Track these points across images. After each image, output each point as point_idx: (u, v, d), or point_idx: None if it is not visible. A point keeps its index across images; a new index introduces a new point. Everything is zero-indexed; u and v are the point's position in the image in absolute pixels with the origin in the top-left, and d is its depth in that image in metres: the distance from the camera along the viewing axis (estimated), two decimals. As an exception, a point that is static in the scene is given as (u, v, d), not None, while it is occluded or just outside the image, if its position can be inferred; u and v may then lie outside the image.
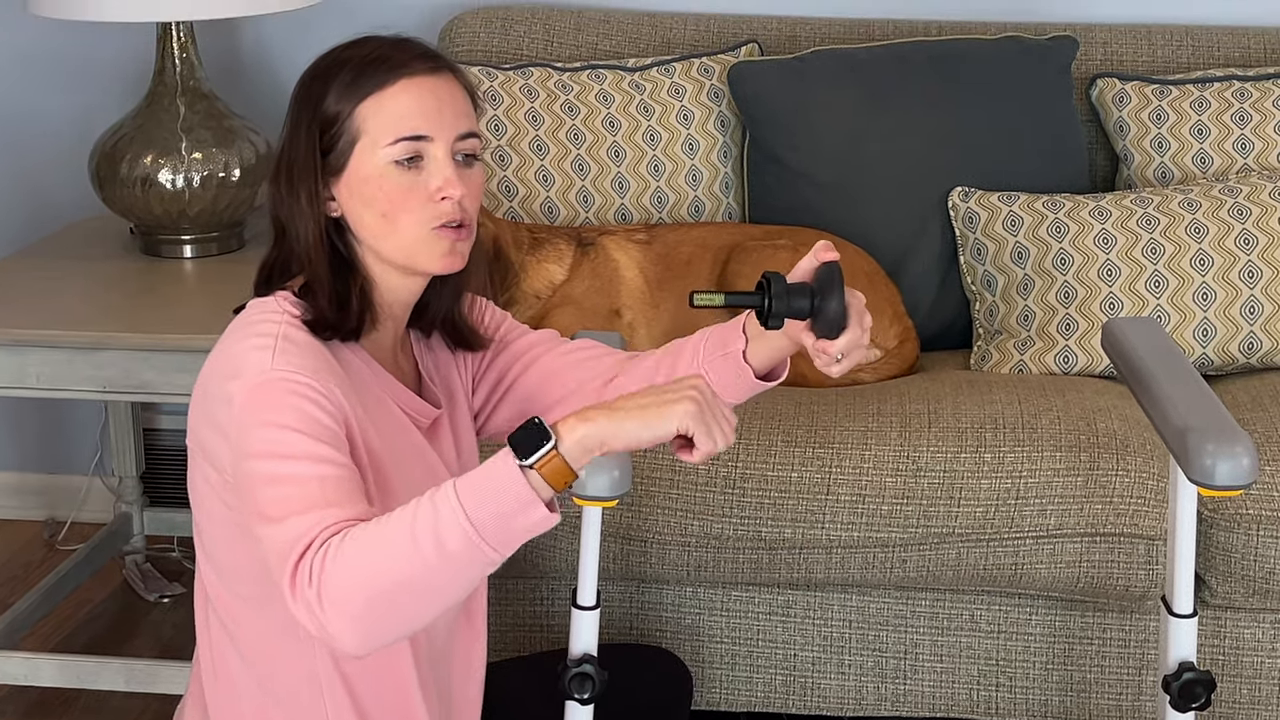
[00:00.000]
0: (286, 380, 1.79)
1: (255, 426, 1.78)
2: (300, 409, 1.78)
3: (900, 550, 2.50)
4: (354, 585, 1.66)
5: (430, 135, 1.87)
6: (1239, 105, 3.01)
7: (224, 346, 1.89)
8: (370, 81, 1.87)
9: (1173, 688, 2.10)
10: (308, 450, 1.76)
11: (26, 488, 3.72)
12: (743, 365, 1.92)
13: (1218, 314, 2.82)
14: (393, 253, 1.91)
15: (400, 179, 1.87)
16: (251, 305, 1.93)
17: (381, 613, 1.68)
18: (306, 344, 1.85)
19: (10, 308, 2.86)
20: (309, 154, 1.89)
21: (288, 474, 1.75)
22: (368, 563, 1.66)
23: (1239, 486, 1.96)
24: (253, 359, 1.82)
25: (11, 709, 2.99)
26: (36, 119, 3.54)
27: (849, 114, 3.04)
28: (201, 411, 1.88)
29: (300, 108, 1.91)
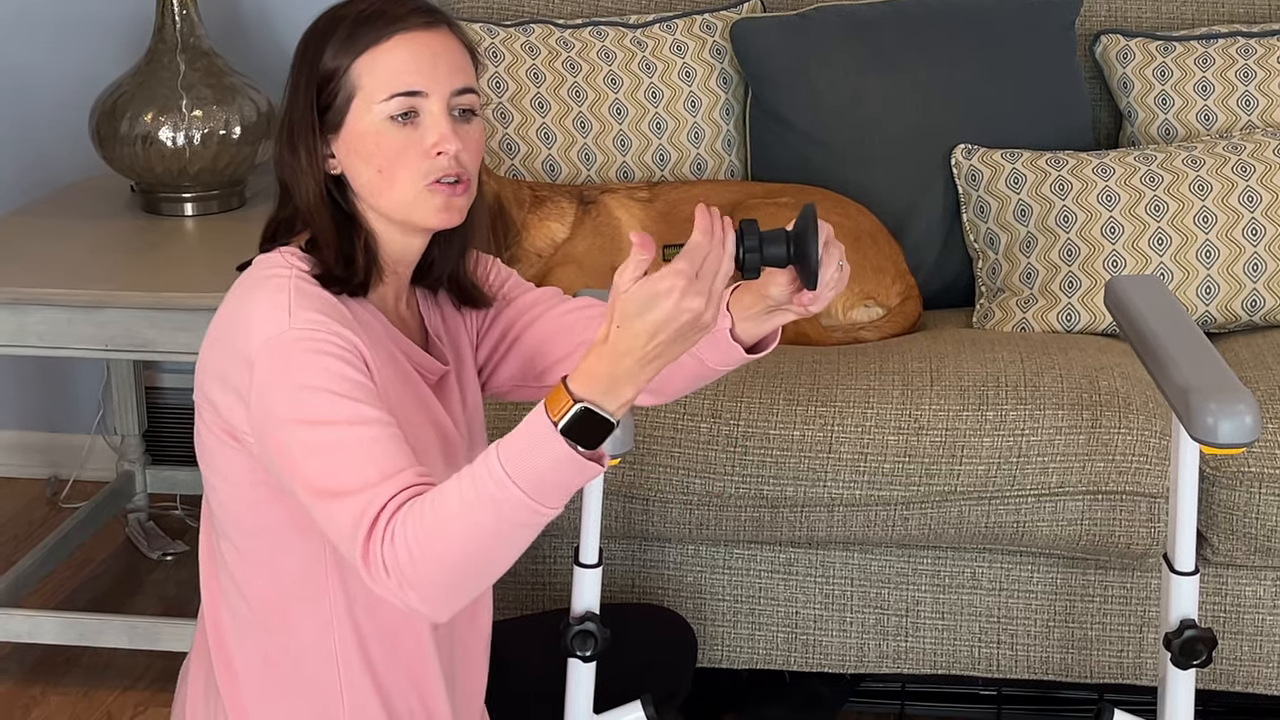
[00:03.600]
0: (308, 337, 1.79)
1: (283, 391, 1.78)
2: (327, 367, 1.78)
3: (902, 508, 2.51)
4: (432, 572, 1.70)
5: (425, 91, 1.87)
6: (1243, 62, 3.00)
7: (233, 303, 1.89)
8: (365, 37, 1.87)
9: (1174, 645, 2.11)
10: (344, 413, 1.76)
11: (29, 446, 3.73)
12: (731, 344, 1.92)
13: (1221, 271, 2.82)
14: (391, 208, 1.91)
15: (396, 135, 1.87)
16: (258, 261, 1.93)
17: (459, 585, 1.74)
18: (318, 296, 1.86)
19: (11, 266, 2.86)
20: (307, 111, 1.89)
21: (330, 441, 1.75)
22: (439, 549, 1.69)
23: (1241, 444, 1.96)
24: (268, 317, 1.82)
25: (15, 666, 3.00)
26: (36, 76, 3.53)
27: (852, 71, 3.03)
28: (212, 368, 1.88)
29: (299, 66, 1.91)
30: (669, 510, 2.54)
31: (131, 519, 3.49)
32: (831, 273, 1.81)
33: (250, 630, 1.96)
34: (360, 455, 1.75)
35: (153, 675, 2.96)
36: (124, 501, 3.49)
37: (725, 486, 2.52)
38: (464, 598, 1.76)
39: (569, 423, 1.68)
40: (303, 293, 1.85)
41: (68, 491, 3.64)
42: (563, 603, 2.62)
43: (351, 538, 1.73)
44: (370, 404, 1.78)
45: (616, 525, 2.55)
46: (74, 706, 2.89)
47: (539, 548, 2.65)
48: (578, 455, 1.68)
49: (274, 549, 1.89)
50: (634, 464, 2.52)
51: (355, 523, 1.72)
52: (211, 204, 3.15)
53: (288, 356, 1.79)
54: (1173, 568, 2.12)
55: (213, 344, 1.89)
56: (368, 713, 1.96)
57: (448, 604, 1.74)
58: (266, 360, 1.79)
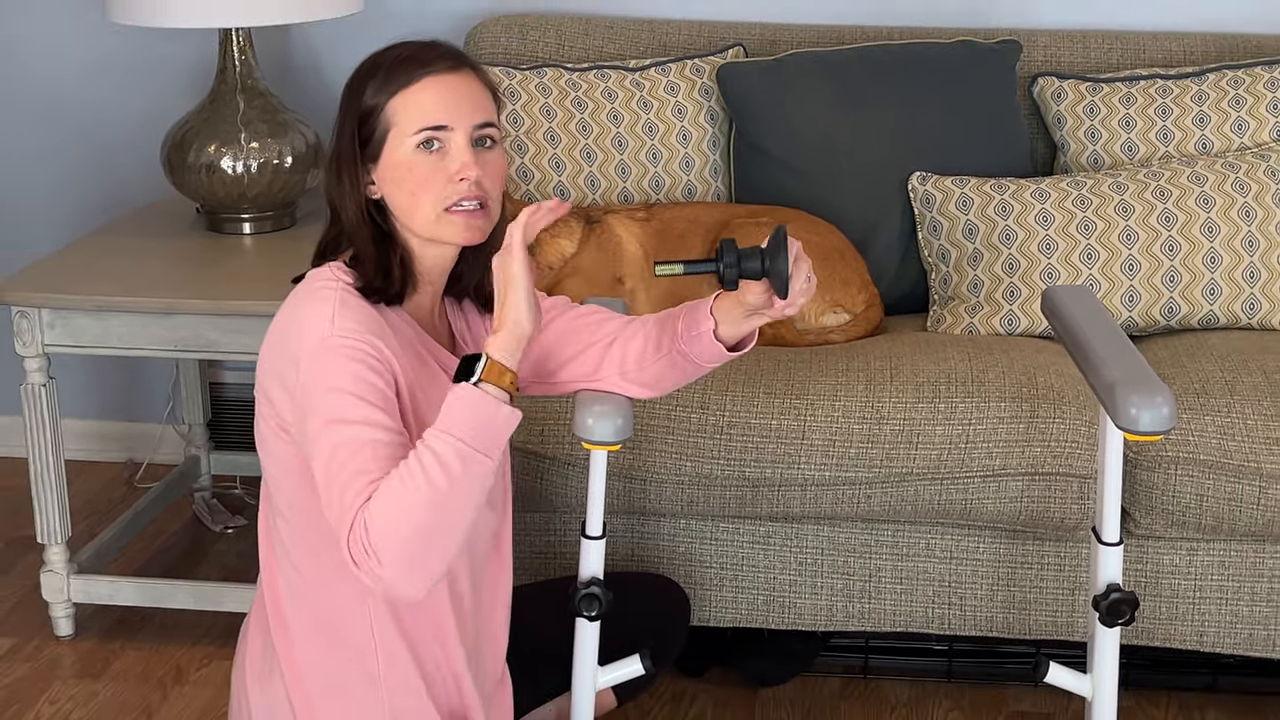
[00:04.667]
0: (344, 344, 1.81)
1: (318, 390, 1.80)
2: (356, 373, 1.79)
3: (865, 488, 2.51)
4: (396, 539, 1.70)
5: (450, 125, 1.88)
6: (1161, 100, 3.00)
7: (288, 310, 1.91)
8: (400, 79, 1.89)
9: (1101, 606, 2.11)
10: (360, 414, 1.78)
11: (109, 434, 3.73)
12: (715, 343, 1.93)
13: (1142, 282, 2.82)
14: (420, 228, 1.92)
15: (425, 163, 1.88)
16: (310, 275, 1.95)
17: (424, 550, 1.72)
18: (359, 307, 1.87)
19: (94, 278, 2.86)
20: (350, 144, 1.91)
21: (344, 439, 1.77)
22: (397, 511, 1.70)
23: (1159, 432, 1.96)
24: (314, 323, 1.84)
25: (97, 625, 3.00)
26: (114, 114, 3.53)
27: (823, 109, 3.02)
28: (269, 369, 1.89)
29: (345, 105, 1.93)
30: (664, 489, 2.54)
31: (197, 497, 3.49)
32: (801, 283, 1.82)
33: (301, 596, 1.96)
34: (367, 455, 1.76)
35: (216, 633, 2.96)
36: (191, 482, 3.49)
37: (712, 469, 2.52)
38: (430, 569, 1.74)
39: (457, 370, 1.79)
40: (346, 304, 1.86)
41: (142, 473, 3.63)
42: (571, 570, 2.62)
43: (339, 532, 1.75)
44: (385, 412, 1.79)
45: (618, 502, 2.55)
46: (147, 660, 2.89)
47: (550, 522, 2.65)
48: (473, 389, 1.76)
49: (319, 527, 1.89)
50: (633, 449, 2.52)
51: (341, 519, 1.75)
52: (266, 224, 3.14)
53: (326, 359, 1.80)
54: (1100, 539, 2.12)
55: (270, 347, 1.90)
56: (400, 667, 1.96)
57: (415, 577, 1.73)
58: (309, 361, 1.81)
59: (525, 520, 2.64)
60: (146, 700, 2.76)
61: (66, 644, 2.94)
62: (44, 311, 2.76)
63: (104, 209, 3.54)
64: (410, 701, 1.96)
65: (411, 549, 1.71)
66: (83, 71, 3.52)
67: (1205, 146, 2.96)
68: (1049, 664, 2.15)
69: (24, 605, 3.06)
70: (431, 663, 1.98)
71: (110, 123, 3.54)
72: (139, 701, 2.75)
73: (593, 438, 1.95)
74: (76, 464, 3.63)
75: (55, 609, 2.94)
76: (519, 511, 2.62)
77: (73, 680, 2.82)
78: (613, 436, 1.95)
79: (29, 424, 2.82)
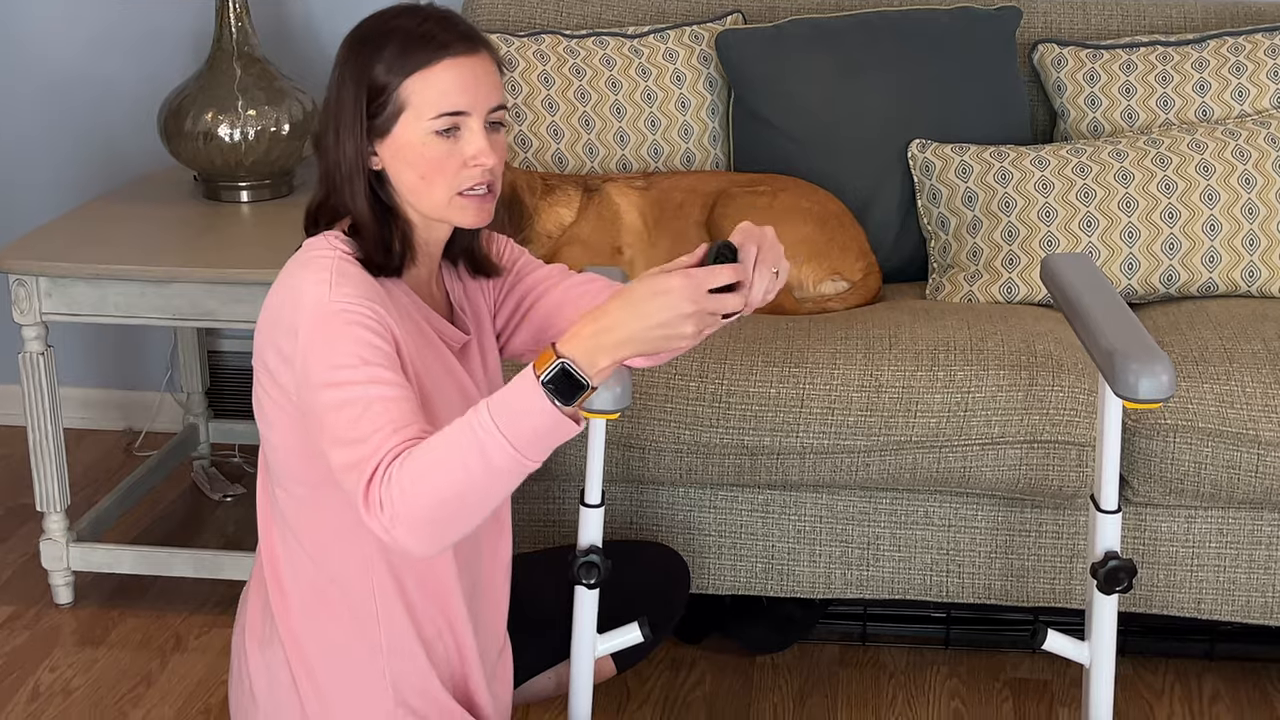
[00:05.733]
0: (344, 310, 1.79)
1: (319, 354, 1.78)
2: (357, 336, 1.77)
3: (864, 456, 2.51)
4: (418, 506, 1.68)
5: (468, 110, 1.85)
6: (1161, 67, 2.99)
7: (284, 280, 1.88)
8: (417, 58, 1.83)
9: (1099, 573, 2.11)
10: (366, 375, 1.75)
11: (108, 402, 3.73)
12: None
13: (1141, 250, 2.81)
14: (429, 209, 1.89)
15: (440, 147, 1.85)
16: (306, 244, 1.92)
17: (442, 523, 1.70)
18: (357, 275, 1.85)
19: (92, 246, 2.85)
20: (356, 114, 1.86)
21: (351, 398, 1.74)
22: (427, 486, 1.68)
23: (1158, 400, 1.96)
24: (312, 292, 1.81)
25: (96, 593, 3.00)
26: (112, 82, 3.52)
27: (822, 76, 3.01)
28: (267, 338, 1.87)
29: (348, 69, 1.87)
30: (662, 457, 2.54)
31: (196, 465, 3.49)
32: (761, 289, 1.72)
33: (300, 564, 1.97)
34: (375, 410, 1.73)
35: (215, 600, 2.96)
36: (189, 450, 3.49)
37: (711, 437, 2.52)
38: (446, 536, 1.72)
39: (550, 377, 1.66)
40: (344, 272, 1.84)
41: (141, 442, 3.63)
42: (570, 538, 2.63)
43: (356, 479, 1.72)
44: (390, 369, 1.77)
45: (617, 470, 2.55)
46: (147, 627, 2.89)
47: (549, 490, 2.65)
48: (554, 409, 1.66)
49: (319, 496, 1.89)
50: (632, 418, 2.52)
51: (360, 466, 1.72)
52: (264, 192, 3.14)
53: (326, 325, 1.78)
54: (1098, 507, 2.12)
55: (267, 318, 1.89)
56: (401, 633, 1.96)
57: (430, 540, 1.71)
58: (309, 328, 1.79)
59: (525, 489, 2.65)
60: (146, 667, 2.76)
61: (66, 612, 2.94)
62: (41, 280, 2.76)
63: (101, 177, 3.53)
64: (411, 666, 1.97)
65: (432, 517, 1.70)
66: (80, 40, 3.51)
67: (1205, 113, 2.95)
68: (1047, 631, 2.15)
69: (23, 573, 3.07)
70: (433, 629, 1.98)
71: (107, 91, 3.53)
72: (139, 669, 2.76)
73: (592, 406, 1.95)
74: (75, 432, 3.64)
75: (54, 577, 2.94)
76: (518, 480, 2.62)
77: (72, 648, 2.83)
78: (611, 405, 1.94)
79: (27, 392, 2.82)
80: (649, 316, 1.66)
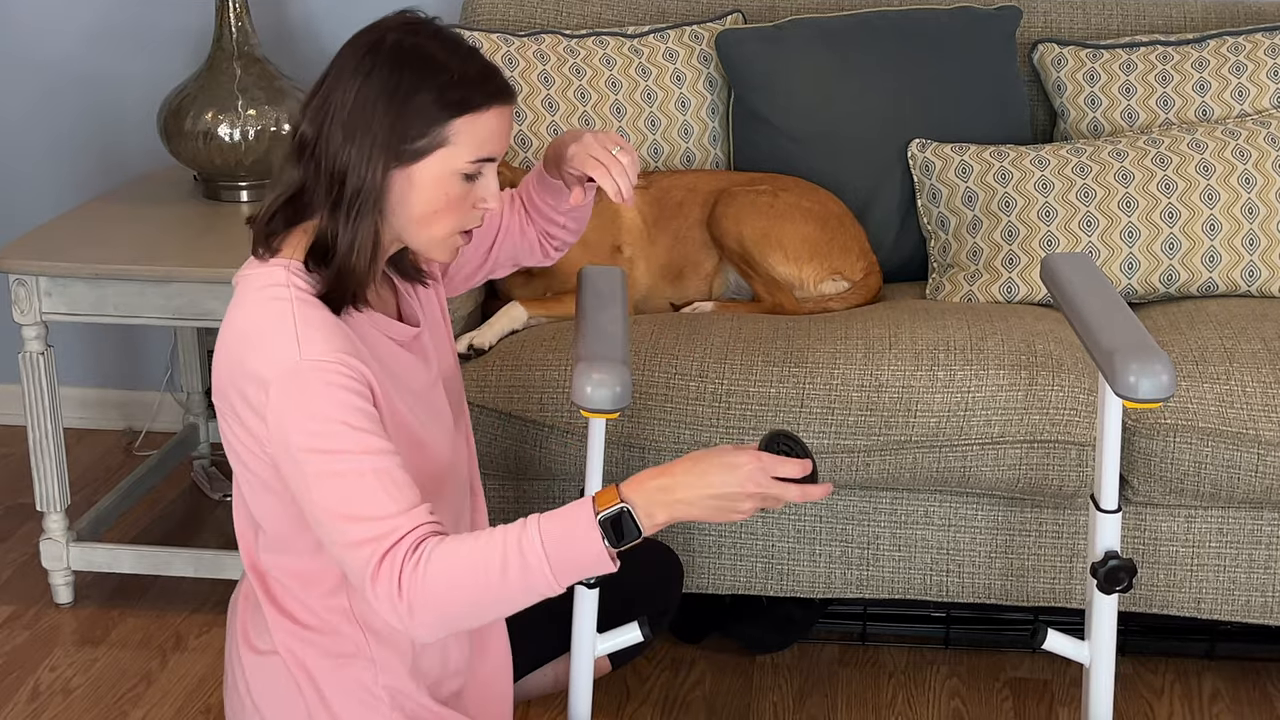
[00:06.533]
0: (319, 369, 1.73)
1: (298, 420, 1.73)
2: (339, 400, 1.73)
3: (864, 455, 2.51)
4: (444, 603, 1.71)
5: (496, 158, 1.86)
6: (1161, 67, 2.99)
7: (241, 314, 1.81)
8: (473, 100, 1.80)
9: (1099, 573, 2.11)
10: (356, 443, 1.72)
11: (107, 402, 3.73)
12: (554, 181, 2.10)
13: (1141, 250, 2.81)
14: (416, 240, 1.86)
15: (460, 187, 1.83)
16: (261, 273, 1.83)
17: (458, 620, 1.76)
18: (321, 320, 1.78)
19: (91, 246, 2.85)
20: (391, 136, 1.79)
21: (342, 470, 1.72)
22: (459, 586, 1.70)
23: (1158, 400, 1.96)
24: (278, 345, 1.75)
25: (96, 592, 3.00)
26: (112, 82, 3.52)
27: (822, 75, 3.01)
28: (228, 378, 1.81)
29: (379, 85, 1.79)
30: (662, 457, 2.54)
31: (196, 465, 3.49)
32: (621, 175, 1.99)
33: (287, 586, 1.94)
34: (374, 484, 1.72)
35: (215, 600, 2.96)
36: (189, 450, 3.49)
37: (711, 437, 2.52)
38: (454, 630, 1.79)
39: (608, 516, 1.70)
40: (307, 319, 1.77)
41: (140, 441, 3.63)
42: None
43: (364, 558, 1.71)
44: (379, 435, 1.74)
45: (617, 471, 2.55)
46: (147, 627, 2.90)
47: (549, 490, 2.65)
48: (603, 548, 1.70)
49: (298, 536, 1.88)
50: (632, 418, 2.52)
51: (371, 545, 1.71)
52: (264, 191, 3.13)
53: (302, 388, 1.73)
54: (1099, 506, 2.12)
55: (226, 355, 1.82)
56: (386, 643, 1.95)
57: (440, 632, 1.76)
58: (281, 390, 1.74)
59: (525, 488, 2.65)
60: (146, 667, 2.77)
61: (66, 611, 2.94)
62: (41, 279, 2.76)
63: (101, 177, 3.53)
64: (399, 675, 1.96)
65: (454, 614, 1.73)
66: (80, 39, 3.51)
67: (1205, 113, 2.96)
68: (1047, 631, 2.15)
69: (23, 573, 3.07)
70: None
71: (107, 90, 3.53)
72: (139, 668, 2.76)
73: (591, 406, 1.95)
74: (75, 432, 3.63)
75: (54, 576, 2.94)
76: (516, 479, 2.62)
77: (72, 647, 2.83)
78: (611, 405, 1.94)
79: (27, 392, 2.82)
80: (712, 486, 1.72)
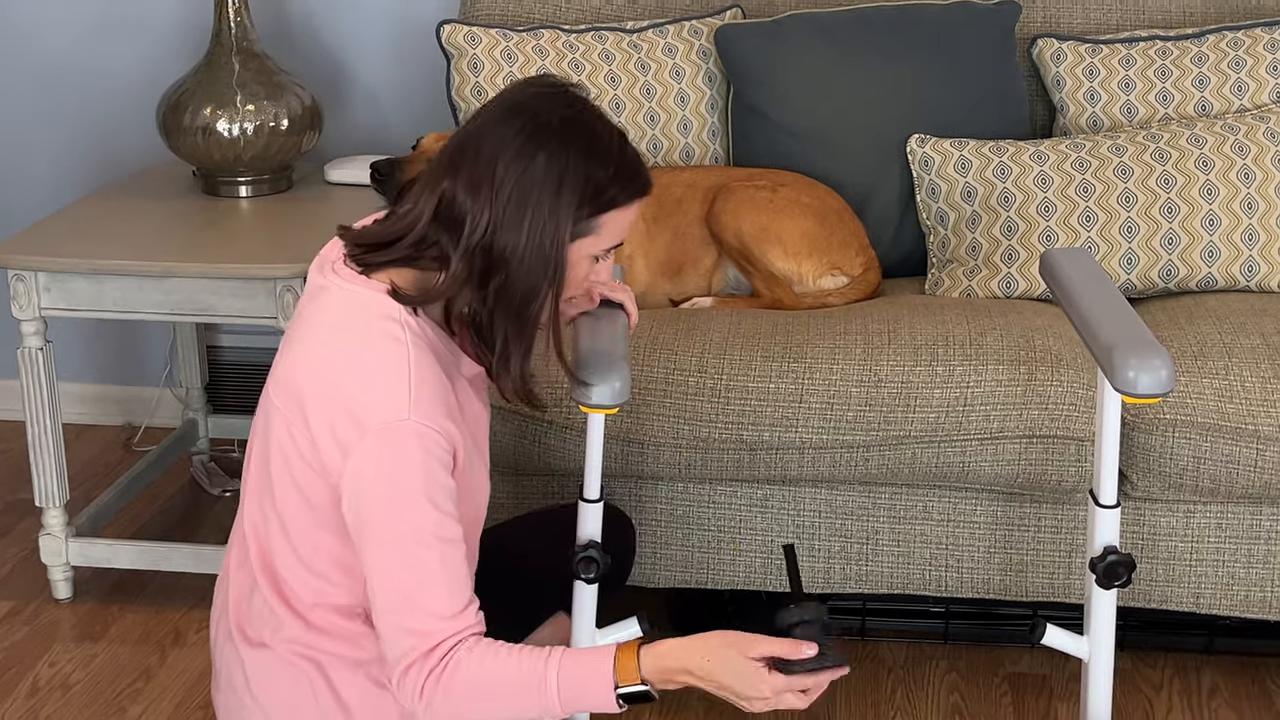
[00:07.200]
0: (420, 434, 1.77)
1: (386, 478, 1.76)
2: (430, 472, 1.77)
3: (863, 451, 2.51)
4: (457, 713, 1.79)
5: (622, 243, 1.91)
6: (1161, 62, 2.99)
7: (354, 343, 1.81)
8: (629, 194, 1.85)
9: (1098, 568, 2.11)
10: (433, 525, 1.77)
11: (106, 397, 3.73)
12: None
13: (1140, 245, 2.81)
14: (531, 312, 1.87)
15: (587, 269, 1.88)
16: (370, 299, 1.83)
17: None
18: (433, 376, 1.81)
19: (90, 241, 2.85)
20: (569, 217, 1.81)
21: (412, 548, 1.77)
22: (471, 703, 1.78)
23: (1157, 395, 1.96)
24: (389, 395, 1.77)
25: (95, 588, 3.01)
26: (110, 77, 3.52)
27: (821, 70, 3.01)
28: (315, 393, 1.81)
29: (556, 164, 1.81)
30: (661, 453, 2.54)
31: (195, 460, 3.49)
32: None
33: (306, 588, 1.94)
34: (439, 575, 1.78)
35: (215, 595, 2.96)
36: (188, 445, 3.50)
37: (710, 432, 2.52)
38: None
39: (628, 694, 1.80)
40: (422, 375, 1.79)
41: (140, 437, 3.64)
42: (569, 532, 2.62)
43: (405, 649, 1.78)
44: (453, 517, 1.80)
45: (616, 466, 2.55)
46: (147, 622, 2.90)
47: (548, 485, 2.65)
48: (614, 704, 1.80)
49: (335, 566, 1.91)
50: (631, 413, 2.52)
51: (415, 639, 1.77)
52: (263, 187, 3.14)
53: (402, 449, 1.76)
54: (1098, 501, 2.13)
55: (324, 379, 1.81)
56: None
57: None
58: (379, 441, 1.76)
59: (524, 484, 2.65)
60: (145, 662, 2.77)
61: (65, 607, 2.95)
62: (40, 275, 2.76)
63: (100, 172, 3.53)
64: None
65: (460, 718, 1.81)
66: (78, 34, 3.51)
67: (1205, 108, 2.96)
68: (1046, 626, 2.15)
69: (22, 568, 3.07)
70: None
71: (106, 86, 3.53)
72: (138, 664, 2.76)
73: (590, 402, 1.95)
74: (74, 427, 3.63)
75: (54, 572, 2.94)
76: (517, 475, 2.62)
77: (72, 643, 2.83)
78: (610, 400, 1.95)
79: (26, 387, 2.82)
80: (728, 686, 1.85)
